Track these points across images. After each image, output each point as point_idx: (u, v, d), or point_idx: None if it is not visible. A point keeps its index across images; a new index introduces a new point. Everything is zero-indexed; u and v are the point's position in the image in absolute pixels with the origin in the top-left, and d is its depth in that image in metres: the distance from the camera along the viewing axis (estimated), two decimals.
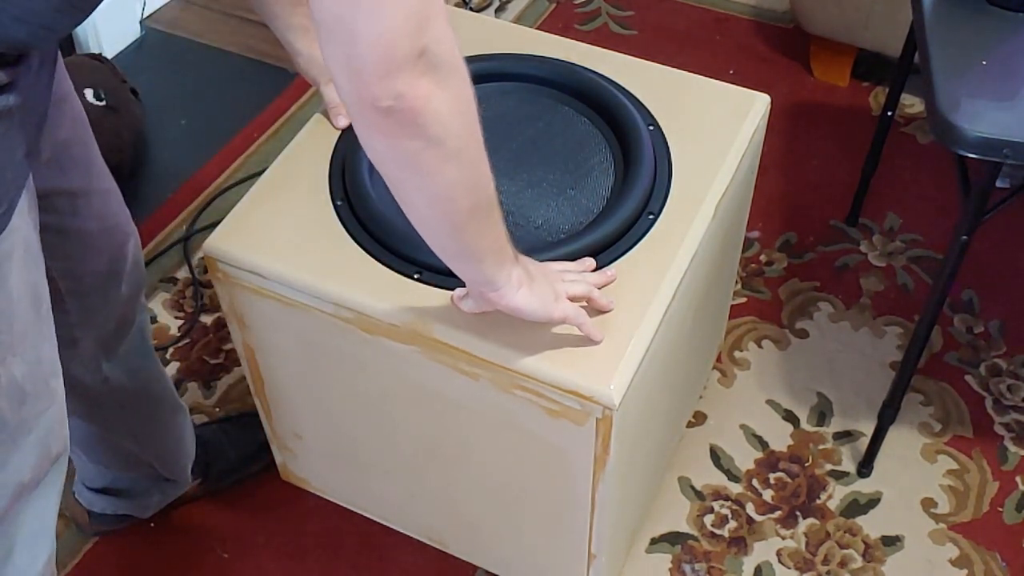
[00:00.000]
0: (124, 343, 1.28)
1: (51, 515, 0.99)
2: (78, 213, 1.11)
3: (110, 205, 1.17)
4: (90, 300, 1.18)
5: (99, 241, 1.15)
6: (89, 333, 1.21)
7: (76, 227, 1.11)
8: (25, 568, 0.97)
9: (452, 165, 0.86)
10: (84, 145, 1.11)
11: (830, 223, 1.96)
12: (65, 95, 1.07)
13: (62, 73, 1.05)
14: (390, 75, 0.76)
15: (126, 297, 1.23)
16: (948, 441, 1.65)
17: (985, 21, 1.36)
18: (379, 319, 1.16)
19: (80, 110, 1.11)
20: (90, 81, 2.01)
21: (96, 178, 1.13)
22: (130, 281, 1.23)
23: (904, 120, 2.13)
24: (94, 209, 1.13)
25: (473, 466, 1.32)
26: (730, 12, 2.42)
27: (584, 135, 1.31)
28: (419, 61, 0.76)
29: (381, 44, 0.75)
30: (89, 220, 1.13)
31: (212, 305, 1.85)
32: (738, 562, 1.53)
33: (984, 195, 1.29)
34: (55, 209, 1.07)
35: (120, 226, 1.19)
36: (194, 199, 2.03)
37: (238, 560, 1.54)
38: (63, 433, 0.97)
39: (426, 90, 0.78)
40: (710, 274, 1.35)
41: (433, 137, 0.82)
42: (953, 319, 1.81)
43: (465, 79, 0.82)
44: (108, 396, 1.30)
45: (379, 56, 0.75)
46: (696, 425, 1.68)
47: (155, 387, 1.38)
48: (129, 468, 1.43)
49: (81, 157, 1.10)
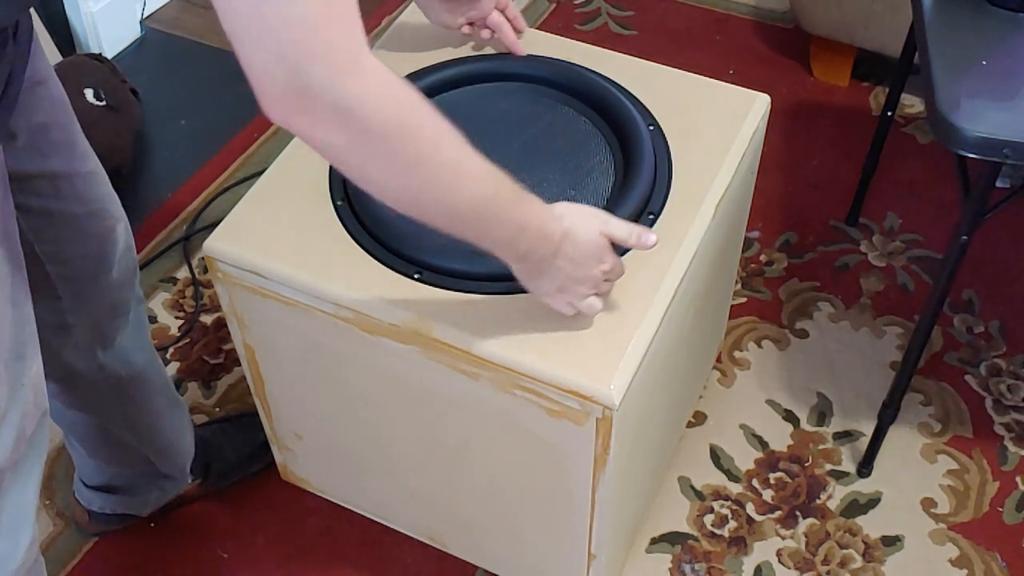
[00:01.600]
0: (120, 333, 1.28)
1: (31, 500, 0.99)
2: (61, 196, 1.11)
3: (95, 188, 1.16)
4: (81, 285, 1.18)
5: (85, 224, 1.15)
6: (82, 320, 1.21)
7: (60, 210, 1.11)
8: (7, 553, 0.98)
9: (369, 187, 0.86)
10: (64, 128, 1.11)
11: (830, 223, 1.96)
12: (43, 79, 1.07)
13: (38, 57, 1.05)
14: (270, 105, 0.77)
15: (118, 283, 1.23)
16: (948, 441, 1.65)
17: (985, 21, 1.36)
18: (379, 319, 1.16)
19: (60, 93, 1.11)
20: (90, 81, 2.01)
21: (79, 161, 1.13)
22: (121, 267, 1.23)
23: (904, 120, 2.13)
24: (78, 192, 1.13)
25: (473, 466, 1.32)
26: (730, 12, 2.42)
27: (584, 135, 1.31)
28: (300, 99, 0.76)
29: (255, 77, 0.76)
30: (73, 203, 1.13)
31: (212, 305, 1.85)
32: (738, 562, 1.53)
33: (984, 195, 1.29)
34: (37, 192, 1.07)
35: (107, 210, 1.19)
36: (194, 199, 2.03)
37: (238, 560, 1.54)
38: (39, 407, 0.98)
39: (308, 126, 0.78)
40: (710, 274, 1.35)
41: (334, 160, 0.83)
42: (953, 319, 1.81)
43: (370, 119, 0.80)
44: (103, 385, 1.30)
45: (256, 86, 0.76)
46: (696, 425, 1.68)
47: (152, 378, 1.38)
48: (127, 463, 1.43)
49: (61, 140, 1.10)
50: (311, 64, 0.74)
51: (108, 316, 1.25)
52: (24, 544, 0.99)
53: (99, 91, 1.99)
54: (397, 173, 0.85)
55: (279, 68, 0.74)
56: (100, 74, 2.05)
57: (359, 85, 0.78)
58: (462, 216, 0.92)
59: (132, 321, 1.30)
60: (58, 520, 1.58)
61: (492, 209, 0.94)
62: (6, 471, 0.94)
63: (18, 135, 1.02)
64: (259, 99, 0.77)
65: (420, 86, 1.33)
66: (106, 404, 1.33)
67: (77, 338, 1.22)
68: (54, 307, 1.17)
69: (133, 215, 1.24)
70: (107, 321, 1.25)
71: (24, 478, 0.97)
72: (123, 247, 1.23)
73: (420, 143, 0.85)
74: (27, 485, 0.98)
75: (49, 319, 1.01)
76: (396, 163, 0.84)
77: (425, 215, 0.91)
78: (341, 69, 0.76)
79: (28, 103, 1.03)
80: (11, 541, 0.98)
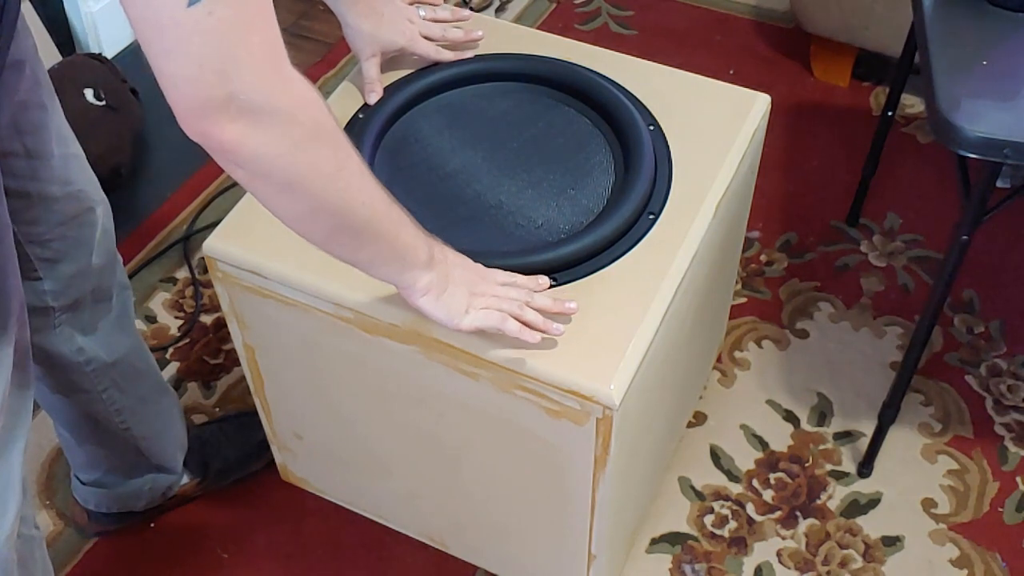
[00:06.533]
0: (103, 319, 1.29)
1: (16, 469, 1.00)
2: (37, 176, 1.11)
3: (72, 170, 1.17)
4: (61, 268, 1.19)
5: (63, 206, 1.16)
6: (63, 303, 1.22)
7: (37, 191, 1.12)
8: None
9: (285, 197, 0.87)
10: (42, 108, 1.11)
11: (830, 223, 1.96)
12: (25, 58, 1.07)
13: (21, 36, 1.05)
14: (191, 116, 0.76)
15: (98, 267, 1.24)
16: (948, 441, 1.65)
17: (985, 21, 1.36)
18: (379, 319, 1.16)
19: (42, 74, 1.11)
20: (90, 81, 2.00)
21: (56, 143, 1.13)
22: (101, 251, 1.23)
23: (904, 120, 2.13)
24: (55, 173, 1.13)
25: (473, 466, 1.32)
26: (730, 12, 2.42)
27: (584, 135, 1.31)
28: (227, 106, 0.76)
29: (178, 87, 0.75)
30: (50, 184, 1.13)
31: (212, 305, 1.85)
32: (738, 562, 1.53)
33: (984, 195, 1.29)
34: (13, 172, 1.08)
35: (85, 192, 1.19)
36: (194, 199, 2.03)
37: (238, 560, 1.54)
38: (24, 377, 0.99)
39: (237, 133, 0.78)
40: (710, 274, 1.35)
41: (256, 172, 0.83)
42: (953, 319, 1.81)
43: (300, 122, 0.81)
44: (84, 368, 1.30)
45: (177, 98, 0.75)
46: (696, 425, 1.67)
47: (137, 365, 1.38)
48: (117, 452, 1.43)
49: (39, 121, 1.10)
50: (235, 70, 0.75)
51: (90, 301, 1.25)
52: (12, 513, 0.99)
53: (99, 91, 1.99)
54: (326, 180, 0.87)
55: (203, 77, 0.74)
56: (100, 74, 2.05)
57: (285, 89, 0.79)
58: (355, 228, 0.94)
59: (115, 307, 1.30)
60: (58, 520, 1.58)
61: (384, 224, 0.96)
62: None
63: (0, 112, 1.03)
64: (177, 111, 0.76)
65: (420, 86, 1.34)
66: (89, 388, 1.33)
67: (57, 322, 1.23)
68: (35, 288, 1.18)
69: (133, 215, 1.24)
70: (89, 306, 1.26)
71: (10, 449, 0.98)
72: (102, 230, 1.23)
73: (339, 148, 0.87)
74: (12, 454, 0.99)
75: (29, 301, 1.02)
76: (323, 170, 0.86)
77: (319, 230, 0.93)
78: (265, 74, 0.77)
79: (11, 81, 1.04)
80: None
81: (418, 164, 1.29)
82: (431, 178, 1.27)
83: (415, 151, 1.29)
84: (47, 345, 1.24)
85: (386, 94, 1.33)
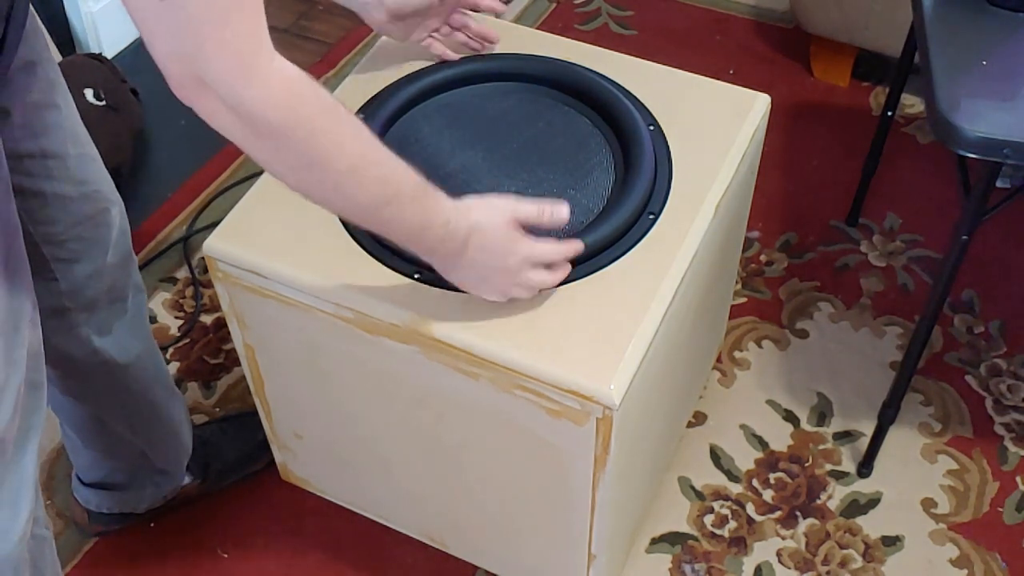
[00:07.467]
0: (117, 320, 1.28)
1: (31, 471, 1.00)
2: (53, 176, 1.11)
3: (88, 171, 1.17)
4: (77, 269, 1.19)
5: (79, 206, 1.16)
6: (79, 304, 1.22)
7: (52, 191, 1.12)
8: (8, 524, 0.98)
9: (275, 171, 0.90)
10: (57, 109, 1.11)
11: (830, 223, 1.96)
12: (38, 59, 1.08)
13: (34, 37, 1.05)
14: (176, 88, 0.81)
15: (114, 268, 1.24)
16: (948, 441, 1.65)
17: (985, 21, 1.36)
18: (379, 319, 1.16)
19: (55, 75, 1.11)
20: (90, 81, 2.01)
21: (71, 143, 1.14)
22: (117, 251, 1.23)
23: (904, 120, 2.13)
24: (71, 173, 1.14)
25: (473, 466, 1.32)
26: (730, 12, 2.42)
27: (584, 135, 1.31)
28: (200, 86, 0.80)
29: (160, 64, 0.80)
30: (66, 184, 1.13)
31: (212, 305, 1.85)
32: (738, 562, 1.53)
33: (984, 195, 1.29)
34: (28, 172, 1.08)
35: (101, 192, 1.19)
36: (194, 199, 2.03)
37: (238, 560, 1.54)
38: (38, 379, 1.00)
39: (211, 109, 0.82)
40: (710, 274, 1.35)
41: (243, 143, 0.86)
42: (953, 319, 1.81)
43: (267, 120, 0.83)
44: (98, 371, 1.30)
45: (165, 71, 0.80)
46: (696, 425, 1.68)
47: (149, 367, 1.38)
48: (120, 454, 1.43)
49: (54, 121, 1.11)
50: (205, 61, 0.78)
51: (105, 302, 1.25)
52: (25, 513, 0.99)
53: (99, 91, 1.99)
54: (290, 170, 0.89)
55: (178, 60, 0.79)
56: (100, 74, 2.05)
57: (252, 86, 0.81)
58: (362, 213, 0.97)
59: (130, 309, 1.30)
60: (58, 520, 1.58)
61: (392, 209, 0.97)
62: (8, 441, 0.94)
63: (12, 113, 1.03)
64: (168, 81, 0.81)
65: (420, 86, 1.34)
66: (101, 391, 1.33)
67: (72, 323, 1.23)
68: (51, 289, 1.17)
69: (133, 215, 1.24)
70: (104, 307, 1.25)
71: (24, 449, 0.98)
72: (118, 231, 1.23)
73: (313, 146, 0.87)
74: (26, 456, 0.99)
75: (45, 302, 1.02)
76: (288, 162, 0.88)
77: (328, 207, 0.97)
78: (234, 68, 0.79)
79: (23, 82, 1.04)
80: (12, 512, 0.98)
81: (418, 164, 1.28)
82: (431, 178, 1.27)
83: (415, 151, 1.29)
84: (62, 346, 1.24)
85: (386, 94, 1.33)
